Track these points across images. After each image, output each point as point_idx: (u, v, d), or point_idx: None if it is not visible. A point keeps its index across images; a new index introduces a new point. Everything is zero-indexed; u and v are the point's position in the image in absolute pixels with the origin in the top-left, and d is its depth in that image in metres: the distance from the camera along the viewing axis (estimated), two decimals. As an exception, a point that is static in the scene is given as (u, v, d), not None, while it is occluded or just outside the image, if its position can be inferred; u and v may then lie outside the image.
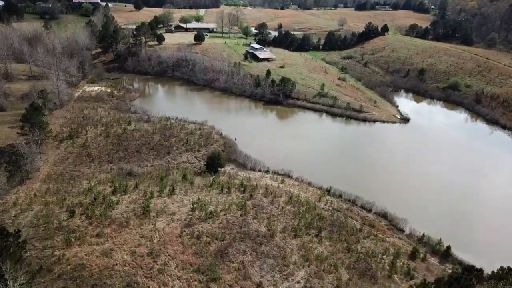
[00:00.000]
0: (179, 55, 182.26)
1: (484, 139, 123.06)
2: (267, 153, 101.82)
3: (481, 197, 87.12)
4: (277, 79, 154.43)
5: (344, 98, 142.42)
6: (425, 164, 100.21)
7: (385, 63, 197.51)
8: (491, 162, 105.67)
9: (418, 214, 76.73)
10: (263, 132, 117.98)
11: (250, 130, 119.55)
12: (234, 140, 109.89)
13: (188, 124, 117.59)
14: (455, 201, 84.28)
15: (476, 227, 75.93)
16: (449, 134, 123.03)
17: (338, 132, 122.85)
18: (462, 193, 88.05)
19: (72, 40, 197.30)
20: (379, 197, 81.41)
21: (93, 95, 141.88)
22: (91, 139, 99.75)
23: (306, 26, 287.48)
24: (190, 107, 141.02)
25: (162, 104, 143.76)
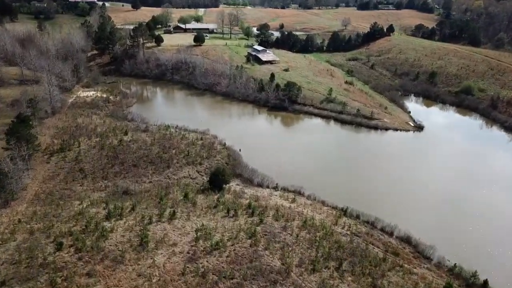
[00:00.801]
0: (178, 58, 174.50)
1: (509, 150, 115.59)
2: (274, 165, 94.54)
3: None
4: (282, 83, 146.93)
5: (353, 104, 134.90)
6: (448, 181, 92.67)
7: (392, 65, 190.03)
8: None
9: (446, 239, 69.32)
10: (269, 141, 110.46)
11: (255, 139, 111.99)
12: (238, 151, 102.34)
13: (189, 134, 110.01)
14: (490, 225, 76.59)
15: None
16: (467, 144, 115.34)
17: (348, 141, 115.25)
18: (498, 216, 79.82)
19: (66, 42, 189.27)
20: (399, 217, 74.10)
21: (88, 101, 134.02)
22: (84, 152, 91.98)
23: (309, 26, 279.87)
24: (190, 113, 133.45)
25: (161, 110, 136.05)
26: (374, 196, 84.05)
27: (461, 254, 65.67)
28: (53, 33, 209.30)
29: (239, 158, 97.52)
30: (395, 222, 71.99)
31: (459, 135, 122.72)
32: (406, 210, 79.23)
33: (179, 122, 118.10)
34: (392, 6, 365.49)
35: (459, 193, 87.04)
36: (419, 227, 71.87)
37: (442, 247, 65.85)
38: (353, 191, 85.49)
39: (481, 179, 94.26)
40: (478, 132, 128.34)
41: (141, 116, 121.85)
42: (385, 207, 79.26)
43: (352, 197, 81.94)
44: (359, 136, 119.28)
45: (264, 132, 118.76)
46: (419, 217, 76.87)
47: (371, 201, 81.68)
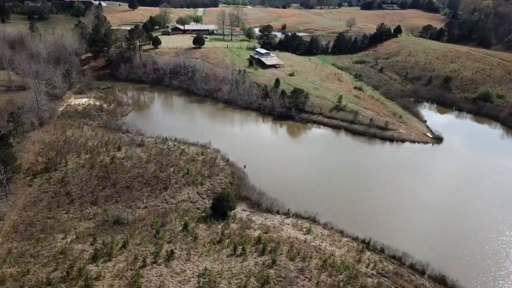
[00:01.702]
0: (177, 61, 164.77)
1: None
2: (283, 185, 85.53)
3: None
4: (287, 89, 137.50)
5: (366, 113, 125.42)
6: (479, 202, 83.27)
7: (402, 68, 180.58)
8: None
9: (487, 278, 59.98)
10: (276, 155, 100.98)
11: (261, 152, 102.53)
12: (243, 168, 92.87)
13: (188, 148, 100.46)
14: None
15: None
16: (493, 159, 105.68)
17: (363, 155, 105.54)
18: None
19: (59, 44, 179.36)
20: (429, 250, 65.01)
21: (80, 110, 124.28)
22: (72, 172, 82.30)
23: (312, 27, 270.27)
24: (190, 122, 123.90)
25: (158, 119, 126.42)
26: (398, 222, 74.80)
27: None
28: (45, 34, 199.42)
29: (244, 177, 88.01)
30: (425, 255, 62.74)
31: (482, 147, 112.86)
32: (436, 241, 69.84)
33: (178, 134, 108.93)
34: (397, 6, 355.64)
35: (497, 219, 77.68)
36: (455, 263, 62.54)
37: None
38: (374, 215, 76.19)
39: (506, 195, 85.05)
40: (501, 144, 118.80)
41: (136, 127, 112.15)
42: (411, 236, 70.10)
43: (373, 223, 72.82)
44: (374, 149, 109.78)
45: (270, 145, 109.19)
46: (453, 250, 67.48)
47: (394, 228, 72.48)
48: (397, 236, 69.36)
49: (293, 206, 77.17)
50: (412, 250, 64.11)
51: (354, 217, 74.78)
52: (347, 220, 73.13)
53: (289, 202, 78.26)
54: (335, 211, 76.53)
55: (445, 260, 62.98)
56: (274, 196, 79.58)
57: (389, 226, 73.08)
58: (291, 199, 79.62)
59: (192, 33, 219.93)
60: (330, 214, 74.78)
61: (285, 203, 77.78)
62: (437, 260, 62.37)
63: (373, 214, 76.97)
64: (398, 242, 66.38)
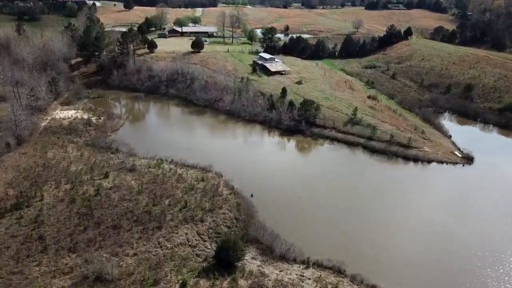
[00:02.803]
0: (174, 68, 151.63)
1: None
2: (297, 218, 73.09)
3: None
4: (295, 99, 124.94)
5: (384, 127, 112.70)
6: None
7: (416, 74, 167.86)
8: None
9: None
10: (287, 178, 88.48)
11: (269, 174, 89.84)
12: (250, 197, 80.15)
13: (187, 172, 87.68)
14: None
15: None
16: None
17: (387, 179, 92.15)
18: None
19: (47, 49, 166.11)
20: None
21: (65, 125, 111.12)
22: (48, 209, 69.30)
23: (316, 28, 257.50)
24: (188, 137, 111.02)
25: (152, 134, 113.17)
26: (442, 273, 61.97)
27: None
28: (33, 37, 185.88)
29: (252, 210, 75.18)
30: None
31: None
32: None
33: (175, 152, 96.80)
34: (402, 6, 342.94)
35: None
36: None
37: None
38: (414, 262, 63.48)
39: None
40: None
41: (127, 146, 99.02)
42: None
43: (414, 271, 60.04)
44: (397, 171, 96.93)
45: (279, 165, 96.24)
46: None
47: (436, 272, 59.68)
48: (436, 281, 56.79)
49: (311, 248, 64.43)
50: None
51: (390, 266, 62.09)
52: (380, 272, 60.39)
53: (307, 244, 65.56)
54: (363, 256, 63.89)
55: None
56: (288, 233, 67.14)
57: (428, 270, 60.44)
58: (309, 239, 67.12)
59: (190, 35, 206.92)
60: (358, 260, 62.23)
61: (302, 247, 64.94)
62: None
63: (413, 257, 64.30)
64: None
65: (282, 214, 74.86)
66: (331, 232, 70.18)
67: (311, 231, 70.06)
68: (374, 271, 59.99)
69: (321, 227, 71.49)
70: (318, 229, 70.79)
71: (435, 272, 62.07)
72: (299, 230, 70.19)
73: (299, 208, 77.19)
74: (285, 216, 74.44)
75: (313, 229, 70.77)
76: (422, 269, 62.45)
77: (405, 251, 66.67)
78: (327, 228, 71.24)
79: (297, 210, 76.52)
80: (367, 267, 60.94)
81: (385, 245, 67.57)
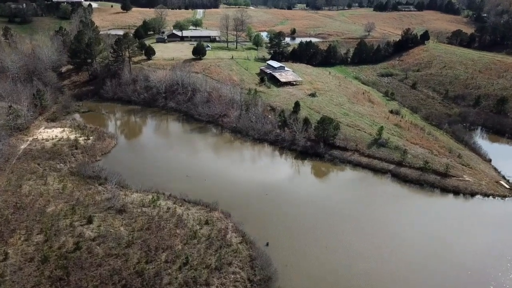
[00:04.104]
0: (173, 78, 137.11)
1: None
2: (325, 276, 58.31)
3: None
4: (310, 114, 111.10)
5: (415, 150, 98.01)
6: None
7: (439, 84, 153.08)
8: None
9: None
10: (307, 218, 74.07)
11: (285, 213, 75.50)
12: (265, 246, 65.68)
13: (187, 210, 73.28)
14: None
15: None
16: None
17: (425, 218, 77.46)
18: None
19: (35, 55, 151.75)
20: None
21: (48, 147, 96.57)
22: (12, 272, 54.61)
23: (325, 32, 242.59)
24: (189, 161, 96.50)
25: (148, 158, 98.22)
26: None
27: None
28: (21, 42, 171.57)
29: (269, 268, 60.31)
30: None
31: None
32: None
33: (174, 183, 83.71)
34: (413, 7, 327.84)
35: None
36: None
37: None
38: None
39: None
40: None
41: (118, 176, 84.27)
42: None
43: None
44: (436, 206, 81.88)
45: (297, 198, 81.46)
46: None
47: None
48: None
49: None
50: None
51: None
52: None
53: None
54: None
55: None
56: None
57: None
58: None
59: (191, 40, 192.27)
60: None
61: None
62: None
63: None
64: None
65: (306, 268, 60.39)
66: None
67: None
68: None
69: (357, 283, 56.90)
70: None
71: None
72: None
73: (325, 261, 62.61)
74: (309, 271, 59.90)
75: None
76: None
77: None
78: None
79: (324, 260, 61.96)
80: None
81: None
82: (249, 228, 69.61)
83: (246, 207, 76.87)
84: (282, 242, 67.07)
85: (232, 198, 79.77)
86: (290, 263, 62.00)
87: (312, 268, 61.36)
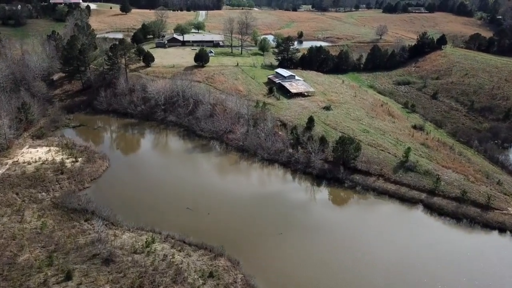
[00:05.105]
0: (173, 88, 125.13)
1: None
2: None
3: None
4: (326, 131, 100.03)
5: (448, 175, 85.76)
6: None
7: (462, 94, 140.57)
8: None
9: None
10: (332, 264, 61.84)
11: (305, 261, 63.18)
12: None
13: (187, 258, 61.48)
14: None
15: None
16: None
17: (469, 261, 65.38)
18: None
19: (24, 63, 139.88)
20: None
21: (30, 172, 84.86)
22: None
23: (334, 35, 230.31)
24: (190, 188, 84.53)
25: (143, 184, 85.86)
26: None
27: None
28: (11, 47, 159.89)
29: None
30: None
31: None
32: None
33: (172, 217, 72.38)
34: (424, 9, 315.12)
35: None
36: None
37: None
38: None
39: None
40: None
41: (108, 208, 72.62)
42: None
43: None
44: (479, 246, 69.80)
45: (316, 239, 69.39)
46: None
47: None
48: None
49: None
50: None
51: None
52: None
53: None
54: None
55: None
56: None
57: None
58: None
59: (193, 45, 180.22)
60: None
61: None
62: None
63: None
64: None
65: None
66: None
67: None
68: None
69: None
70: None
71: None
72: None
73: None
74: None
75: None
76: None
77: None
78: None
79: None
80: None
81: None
82: (263, 281, 57.63)
83: (258, 251, 65.28)
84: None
85: (241, 238, 68.28)
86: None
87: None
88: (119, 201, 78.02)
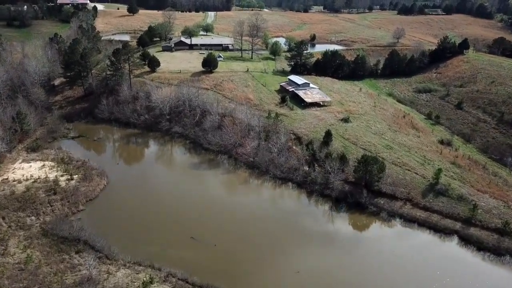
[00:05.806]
0: (179, 96, 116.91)
1: None
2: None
3: None
4: (345, 146, 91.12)
5: (485, 201, 76.20)
6: None
7: (490, 104, 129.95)
8: None
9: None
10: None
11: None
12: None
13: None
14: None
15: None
16: None
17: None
18: None
19: (22, 68, 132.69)
20: None
21: (20, 192, 77.18)
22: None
23: (348, 38, 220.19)
24: (195, 212, 76.20)
25: (144, 207, 77.56)
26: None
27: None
28: (11, 50, 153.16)
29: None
30: None
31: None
32: None
33: (174, 249, 65.15)
34: (441, 10, 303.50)
35: None
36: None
37: None
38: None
39: None
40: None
41: (102, 240, 64.31)
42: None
43: None
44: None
45: (337, 276, 60.51)
46: None
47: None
48: None
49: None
50: None
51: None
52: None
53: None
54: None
55: None
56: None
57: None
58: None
59: (201, 48, 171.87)
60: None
61: None
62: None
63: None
64: None
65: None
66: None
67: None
68: None
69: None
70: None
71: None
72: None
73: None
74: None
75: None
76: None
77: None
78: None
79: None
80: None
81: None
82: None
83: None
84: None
85: (252, 279, 59.29)
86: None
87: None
88: (116, 227, 70.12)
